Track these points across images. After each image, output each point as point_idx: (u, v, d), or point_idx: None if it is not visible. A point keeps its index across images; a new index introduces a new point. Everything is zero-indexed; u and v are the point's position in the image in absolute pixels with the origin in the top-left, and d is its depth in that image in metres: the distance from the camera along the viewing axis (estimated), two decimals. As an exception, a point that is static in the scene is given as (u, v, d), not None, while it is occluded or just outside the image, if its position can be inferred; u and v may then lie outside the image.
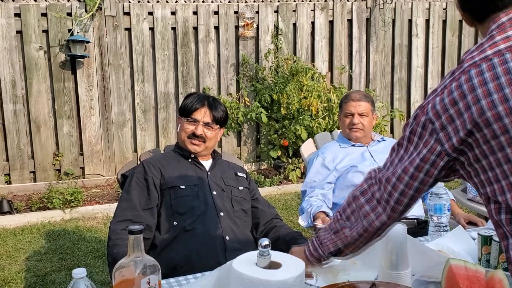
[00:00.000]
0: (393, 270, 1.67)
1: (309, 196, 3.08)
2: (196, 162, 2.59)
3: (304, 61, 6.10)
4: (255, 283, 1.11)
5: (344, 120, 3.20)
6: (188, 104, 2.57)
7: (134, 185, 2.43)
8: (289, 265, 1.17)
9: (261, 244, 1.17)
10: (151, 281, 1.38)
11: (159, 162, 2.57)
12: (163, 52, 5.76)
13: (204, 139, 2.56)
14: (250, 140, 6.10)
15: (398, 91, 6.63)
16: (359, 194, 1.47)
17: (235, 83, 6.03)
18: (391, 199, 1.39)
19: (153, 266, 1.40)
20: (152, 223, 2.40)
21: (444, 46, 6.73)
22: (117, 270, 1.40)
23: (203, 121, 2.56)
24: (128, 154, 5.75)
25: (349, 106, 3.17)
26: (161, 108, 5.83)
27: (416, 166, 1.32)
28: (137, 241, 1.39)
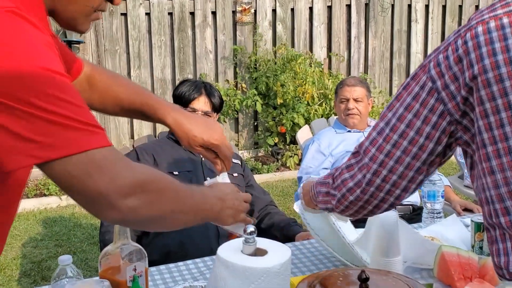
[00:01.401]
0: (384, 257, 1.65)
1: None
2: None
3: (302, 47, 6.05)
4: (240, 270, 1.09)
5: (340, 106, 3.17)
6: (185, 93, 2.52)
7: None
8: (275, 252, 1.15)
9: (246, 231, 1.14)
10: (137, 268, 1.36)
11: (152, 148, 2.55)
12: (159, 37, 5.71)
13: None
14: (247, 127, 6.07)
15: (397, 77, 6.58)
16: (344, 168, 1.38)
17: (232, 69, 5.99)
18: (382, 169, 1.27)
19: (139, 253, 1.39)
20: None
21: (444, 32, 6.67)
22: (103, 257, 1.39)
23: (202, 110, 2.52)
24: (125, 140, 5.73)
25: (344, 91, 3.14)
26: (158, 94, 5.79)
27: (417, 129, 1.21)
28: (122, 228, 1.37)
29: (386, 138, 1.24)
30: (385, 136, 1.24)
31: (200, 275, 1.79)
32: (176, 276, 1.80)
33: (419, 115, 1.20)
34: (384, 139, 1.25)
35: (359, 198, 1.31)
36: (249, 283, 1.08)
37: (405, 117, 1.21)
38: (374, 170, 1.26)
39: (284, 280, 1.12)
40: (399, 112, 1.23)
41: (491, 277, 1.65)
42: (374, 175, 1.26)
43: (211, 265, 1.86)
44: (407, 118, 1.21)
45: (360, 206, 1.34)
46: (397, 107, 1.23)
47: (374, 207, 1.34)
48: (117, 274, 1.37)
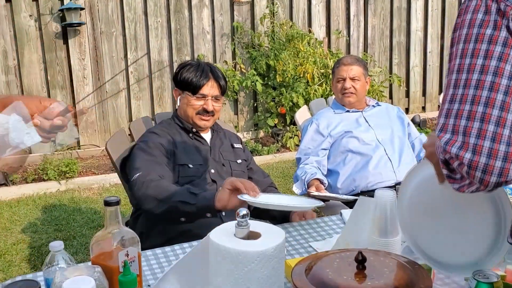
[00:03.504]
0: (382, 237, 1.62)
1: (304, 164, 3.04)
2: (197, 136, 2.50)
3: (301, 26, 5.98)
4: (233, 254, 1.06)
5: (336, 85, 3.13)
6: (192, 78, 2.43)
7: (152, 146, 2.30)
8: (269, 235, 1.12)
9: (239, 214, 1.11)
10: (129, 253, 1.33)
11: (167, 134, 2.46)
12: (156, 19, 5.64)
13: (213, 113, 2.47)
14: (247, 108, 6.02)
15: (397, 55, 6.51)
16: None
17: (231, 49, 5.92)
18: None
19: (131, 238, 1.36)
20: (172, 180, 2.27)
21: (444, 8, 6.59)
22: (94, 243, 1.36)
23: (212, 95, 2.45)
24: (123, 124, 5.69)
25: (340, 70, 3.10)
26: (155, 76, 5.74)
27: (499, 56, 1.01)
28: (114, 213, 1.34)
29: (466, 87, 1.03)
30: (464, 84, 1.03)
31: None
32: (172, 260, 1.77)
33: (495, 39, 1.02)
34: (463, 89, 1.03)
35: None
36: (242, 267, 1.06)
37: (479, 49, 1.03)
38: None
39: (279, 263, 1.10)
40: (469, 49, 1.04)
41: (491, 256, 1.62)
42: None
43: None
44: (482, 49, 1.02)
45: None
46: (461, 48, 1.05)
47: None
48: (109, 260, 1.34)
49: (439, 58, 6.67)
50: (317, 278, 1.34)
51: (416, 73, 6.60)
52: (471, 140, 1.00)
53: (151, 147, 2.30)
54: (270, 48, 5.74)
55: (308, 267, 1.42)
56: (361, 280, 1.35)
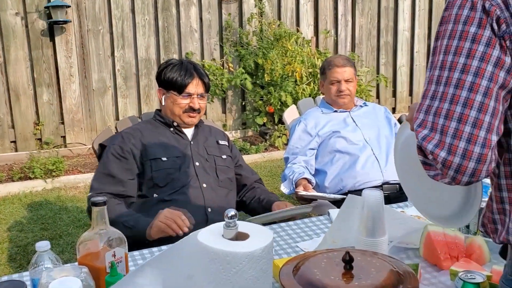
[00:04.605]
0: (369, 237, 1.62)
1: (292, 163, 3.04)
2: (178, 131, 2.51)
3: (289, 25, 5.98)
4: (221, 255, 1.05)
5: (330, 88, 3.13)
6: (177, 78, 2.45)
7: (112, 158, 2.36)
8: (257, 236, 1.12)
9: (227, 215, 1.11)
10: (116, 254, 1.33)
11: (139, 132, 2.48)
12: (143, 16, 5.61)
13: (199, 111, 2.49)
14: (235, 107, 6.01)
15: (384, 55, 6.54)
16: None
17: (219, 48, 5.91)
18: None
19: (118, 238, 1.35)
20: (133, 194, 2.34)
21: (431, 9, 6.62)
22: (81, 243, 1.35)
23: (198, 93, 2.47)
24: (109, 122, 5.66)
25: (334, 73, 3.10)
26: (142, 74, 5.71)
27: (481, 56, 1.00)
28: (101, 213, 1.33)
29: (446, 85, 1.03)
30: (444, 83, 1.03)
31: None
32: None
33: (478, 38, 1.01)
34: (442, 91, 1.03)
35: None
36: (230, 268, 1.05)
37: (462, 47, 1.02)
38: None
39: (267, 264, 1.09)
40: (453, 46, 1.02)
41: (478, 256, 1.64)
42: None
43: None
44: (465, 47, 1.01)
45: None
46: (445, 44, 1.04)
47: None
48: (95, 260, 1.33)
49: (426, 58, 6.71)
50: (304, 279, 1.35)
51: (403, 73, 6.63)
52: (447, 139, 1.02)
53: (110, 159, 2.34)
54: (258, 47, 5.73)
55: (296, 267, 1.42)
56: (349, 280, 1.35)
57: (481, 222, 1.18)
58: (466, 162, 1.01)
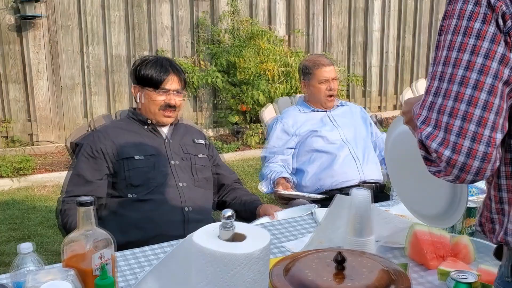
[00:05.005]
0: (357, 236, 1.62)
1: (270, 162, 3.03)
2: (153, 129, 2.46)
3: (262, 23, 5.96)
4: (218, 257, 1.02)
5: (319, 88, 3.12)
6: (153, 74, 2.40)
7: (83, 158, 2.31)
8: (254, 237, 1.09)
9: (224, 216, 1.08)
10: (104, 256, 1.28)
11: (112, 130, 2.43)
12: (114, 12, 5.51)
13: (176, 108, 2.44)
14: (207, 105, 5.97)
15: (356, 55, 6.58)
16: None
17: (191, 45, 5.86)
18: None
19: (105, 240, 1.30)
20: (102, 194, 2.30)
21: (401, 10, 6.70)
22: (66, 244, 1.30)
23: (174, 89, 2.42)
24: (78, 119, 5.55)
25: (323, 72, 3.10)
26: (113, 71, 5.61)
27: (485, 53, 0.98)
28: (87, 213, 1.28)
29: (450, 82, 1.01)
30: (448, 80, 1.01)
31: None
32: (142, 262, 1.72)
33: (483, 35, 0.99)
34: (446, 87, 1.01)
35: None
36: (227, 271, 1.02)
37: (467, 43, 1.00)
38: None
39: (265, 266, 1.07)
40: (457, 42, 1.01)
41: (463, 256, 1.65)
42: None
43: (178, 249, 1.79)
44: (470, 44, 1.00)
45: None
46: (449, 40, 1.02)
47: None
48: (82, 262, 1.28)
49: (396, 58, 6.78)
50: (296, 280, 1.33)
51: (373, 73, 6.69)
52: (452, 138, 1.00)
53: (81, 159, 2.30)
54: (231, 45, 5.70)
55: (286, 268, 1.40)
56: (341, 280, 1.34)
57: (478, 221, 1.18)
58: (470, 161, 1.00)
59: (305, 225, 1.96)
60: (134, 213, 2.28)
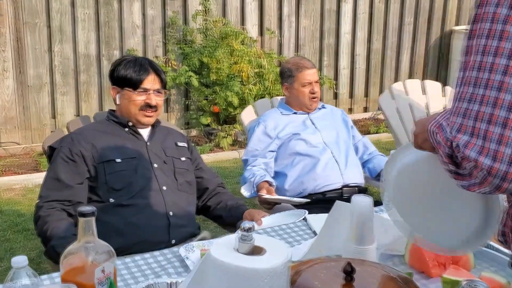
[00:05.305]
0: (358, 245, 1.58)
1: (251, 165, 2.98)
2: (133, 131, 2.40)
3: (234, 24, 5.90)
4: (240, 272, 0.97)
5: (303, 90, 3.09)
6: (131, 74, 2.34)
7: (61, 161, 2.24)
8: (274, 250, 1.04)
9: (244, 228, 1.03)
10: (105, 269, 1.21)
11: (90, 133, 2.36)
12: (83, 10, 5.36)
13: (156, 108, 2.37)
14: (178, 106, 5.87)
15: (327, 57, 6.59)
16: None
17: (162, 45, 5.75)
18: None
19: (107, 252, 1.23)
20: (82, 199, 2.22)
21: (371, 13, 6.74)
22: (65, 257, 1.22)
23: (154, 89, 2.36)
24: (45, 120, 5.37)
25: (305, 75, 3.07)
26: (81, 71, 5.46)
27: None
28: (88, 224, 1.21)
29: (487, 87, 0.98)
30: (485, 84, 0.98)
31: (161, 270, 1.65)
32: (134, 272, 1.65)
33: (505, 35, 0.97)
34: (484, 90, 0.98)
35: None
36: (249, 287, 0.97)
37: (503, 48, 0.97)
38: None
39: (285, 281, 1.02)
40: (492, 46, 0.98)
41: (464, 263, 1.64)
42: None
43: (172, 259, 1.73)
44: (506, 48, 0.97)
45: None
46: (483, 44, 0.99)
47: None
48: (82, 276, 1.21)
49: (366, 61, 6.82)
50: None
51: (344, 76, 6.71)
52: (492, 145, 0.97)
53: (59, 163, 2.23)
54: (203, 45, 5.62)
55: (293, 279, 1.35)
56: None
57: (500, 232, 1.16)
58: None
59: (299, 232, 1.93)
60: (116, 218, 2.21)
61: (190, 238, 2.33)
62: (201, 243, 1.83)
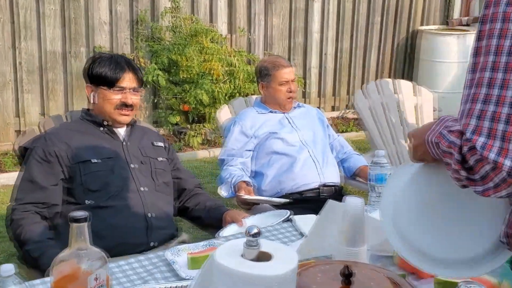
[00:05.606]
0: (350, 246, 1.57)
1: (229, 165, 2.95)
2: (109, 130, 2.34)
3: (203, 21, 5.84)
4: (247, 279, 0.93)
5: (280, 89, 3.06)
6: (107, 72, 2.28)
7: (35, 162, 2.17)
8: (281, 256, 1.01)
9: (250, 233, 0.99)
10: (98, 277, 1.16)
11: (65, 132, 2.30)
12: (49, 6, 5.21)
13: (133, 107, 2.32)
14: (146, 104, 5.77)
15: (296, 56, 6.59)
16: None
17: (130, 42, 5.64)
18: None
19: (100, 258, 1.18)
20: (57, 201, 2.16)
21: (339, 12, 6.77)
22: (55, 265, 1.16)
23: (130, 87, 2.30)
24: (9, 119, 5.21)
25: (283, 74, 3.05)
26: (47, 68, 5.31)
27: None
28: (80, 230, 1.16)
29: (503, 88, 0.96)
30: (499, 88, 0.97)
31: (148, 275, 1.60)
32: (120, 277, 1.60)
33: None
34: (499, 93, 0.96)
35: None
36: (257, 294, 0.94)
37: (503, 45, 0.97)
38: None
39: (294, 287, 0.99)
40: (505, 46, 0.97)
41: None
42: None
43: (158, 263, 1.68)
44: (506, 45, 0.97)
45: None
46: (495, 44, 0.98)
47: None
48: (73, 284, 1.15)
49: (334, 61, 6.85)
50: (304, 296, 1.26)
51: (313, 74, 6.73)
52: (511, 146, 0.95)
53: (33, 163, 2.16)
54: (173, 43, 5.54)
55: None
56: (350, 295, 1.28)
57: (504, 233, 1.15)
58: None
59: (286, 234, 1.90)
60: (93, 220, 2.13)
61: (169, 240, 2.29)
62: (187, 246, 1.79)
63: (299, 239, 1.85)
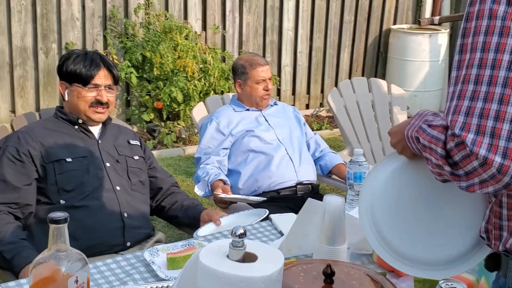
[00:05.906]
0: (330, 245, 1.57)
1: (205, 164, 2.93)
2: (84, 129, 2.30)
3: (177, 18, 5.79)
4: (234, 281, 0.92)
5: (256, 87, 3.05)
6: (81, 69, 2.24)
7: (7, 161, 2.12)
8: (267, 256, 1.00)
9: (236, 233, 0.98)
10: (79, 279, 1.13)
11: (38, 131, 2.25)
12: (19, 1, 5.10)
13: (108, 105, 2.28)
14: (119, 101, 5.69)
15: (270, 54, 6.59)
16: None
17: (102, 39, 5.56)
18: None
19: (80, 260, 1.16)
20: (30, 201, 2.12)
21: (313, 10, 6.79)
22: (34, 267, 1.13)
23: (105, 84, 2.26)
24: (-23, 117, 5.09)
25: (259, 72, 3.04)
26: (17, 64, 5.20)
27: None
28: (60, 231, 1.13)
29: (491, 84, 0.97)
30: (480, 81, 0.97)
31: (126, 276, 1.58)
32: (98, 278, 1.57)
33: (506, 31, 0.97)
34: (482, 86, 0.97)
35: None
36: (244, 295, 0.93)
37: (505, 43, 0.96)
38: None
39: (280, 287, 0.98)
40: (492, 43, 0.97)
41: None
42: None
43: (136, 264, 1.66)
44: (508, 44, 0.96)
45: None
46: (482, 41, 0.98)
47: None
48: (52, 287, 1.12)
49: (308, 59, 6.87)
50: (287, 295, 1.25)
51: (287, 72, 6.74)
52: (501, 142, 0.95)
53: (5, 163, 2.11)
54: (146, 40, 5.48)
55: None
56: (333, 294, 1.28)
57: (484, 228, 1.16)
58: None
59: (265, 233, 1.90)
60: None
61: (145, 239, 2.27)
62: (166, 246, 1.77)
63: (278, 238, 1.85)
